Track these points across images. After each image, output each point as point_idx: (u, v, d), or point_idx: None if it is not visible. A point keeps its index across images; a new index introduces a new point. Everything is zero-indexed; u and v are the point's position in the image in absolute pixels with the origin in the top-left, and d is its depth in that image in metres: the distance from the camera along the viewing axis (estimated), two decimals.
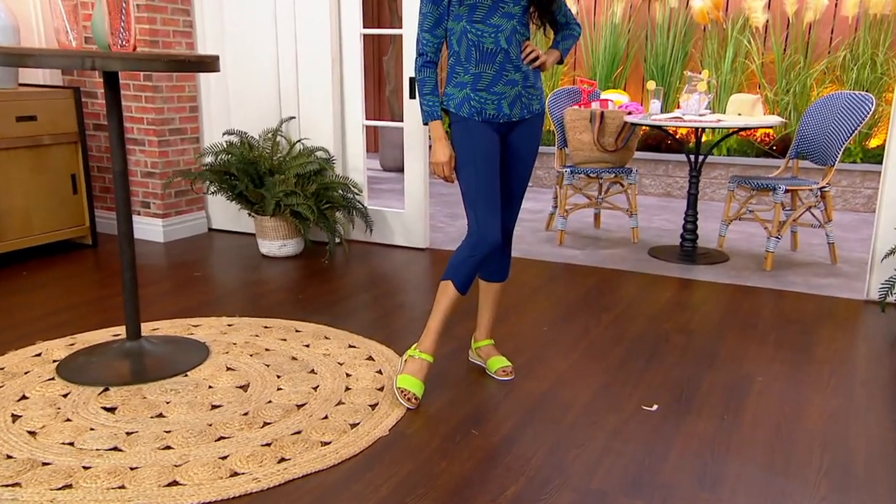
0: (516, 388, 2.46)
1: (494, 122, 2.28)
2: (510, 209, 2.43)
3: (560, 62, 2.43)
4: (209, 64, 2.37)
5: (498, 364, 2.56)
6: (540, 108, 2.34)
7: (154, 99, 4.29)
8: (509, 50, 2.22)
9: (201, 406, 2.28)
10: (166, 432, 2.11)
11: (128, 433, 2.11)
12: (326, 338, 2.88)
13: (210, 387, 2.43)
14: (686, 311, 3.26)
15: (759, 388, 2.47)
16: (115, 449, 2.02)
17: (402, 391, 2.31)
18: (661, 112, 4.32)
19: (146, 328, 2.97)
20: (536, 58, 2.27)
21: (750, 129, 4.26)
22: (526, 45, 2.26)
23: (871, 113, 3.99)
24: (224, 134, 4.34)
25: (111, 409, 2.26)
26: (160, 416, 2.22)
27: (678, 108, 4.85)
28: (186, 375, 2.52)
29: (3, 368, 2.55)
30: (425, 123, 2.29)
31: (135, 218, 4.54)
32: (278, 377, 2.51)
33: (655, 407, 2.33)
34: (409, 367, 2.37)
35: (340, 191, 4.14)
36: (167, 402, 2.31)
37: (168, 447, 2.03)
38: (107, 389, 2.40)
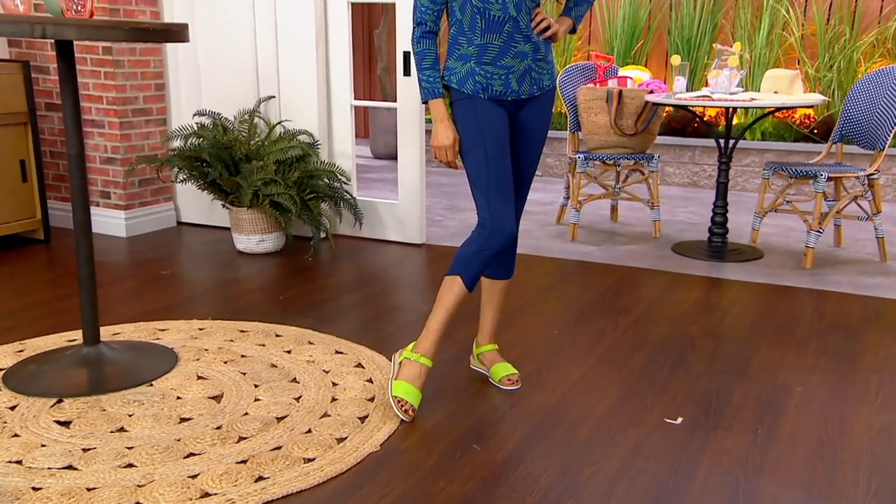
0: (523, 399, 2.45)
1: (502, 99, 2.27)
2: (517, 198, 2.43)
3: (572, 31, 2.43)
4: (177, 33, 2.36)
5: (502, 372, 2.55)
6: (551, 83, 2.34)
7: (114, 75, 4.28)
8: (518, 18, 2.21)
9: (168, 419, 2.28)
10: (128, 448, 2.10)
11: (84, 450, 2.10)
12: (310, 343, 2.87)
13: (178, 398, 2.42)
14: (715, 314, 3.26)
15: (797, 401, 2.47)
16: (70, 468, 2.01)
17: (397, 401, 2.29)
18: (687, 90, 4.31)
19: (106, 333, 2.97)
20: (548, 27, 2.27)
21: (788, 109, 4.25)
22: (536, 12, 2.25)
23: None
24: (194, 115, 4.33)
25: (65, 423, 2.25)
26: (121, 430, 2.21)
27: (706, 86, 4.84)
28: (151, 385, 2.51)
29: None
30: (424, 102, 2.29)
31: (93, 209, 4.54)
32: (256, 387, 2.50)
33: (680, 420, 2.32)
34: (404, 371, 2.34)
35: (326, 179, 4.13)
36: (129, 415, 2.30)
37: (130, 465, 2.02)
38: (60, 401, 2.39)
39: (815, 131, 6.10)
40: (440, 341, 2.41)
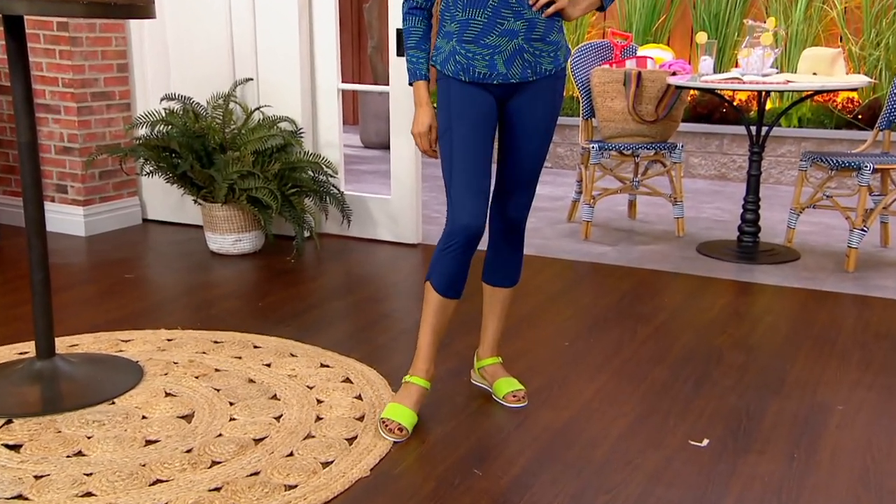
0: (530, 417, 2.45)
1: (486, 83, 2.25)
2: (516, 195, 2.40)
3: (600, 9, 2.34)
4: (142, 8, 2.36)
5: (507, 388, 2.55)
6: (554, 68, 2.28)
7: (72, 54, 4.28)
8: None
9: (132, 441, 2.27)
10: (87, 475, 2.09)
11: (37, 477, 2.09)
12: (292, 355, 2.87)
13: (144, 417, 2.41)
14: (745, 323, 3.26)
15: (839, 420, 2.47)
16: (20, 497, 2.00)
17: (383, 422, 2.32)
18: (715, 72, 4.31)
19: (62, 344, 2.96)
20: (551, 2, 2.21)
21: (828, 92, 4.25)
22: None
23: None
24: (162, 100, 4.33)
25: (15, 447, 2.24)
26: (79, 454, 2.20)
27: (736, 66, 4.83)
28: (113, 403, 2.50)
29: None
30: (410, 84, 2.31)
31: (48, 205, 4.53)
32: (231, 404, 2.50)
33: (706, 442, 2.32)
34: (399, 394, 2.40)
35: (310, 172, 4.13)
36: (88, 437, 2.29)
37: (89, 494, 2.01)
38: (10, 422, 2.38)
39: (860, 117, 6.11)
40: (433, 358, 2.39)
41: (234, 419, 2.41)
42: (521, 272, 2.54)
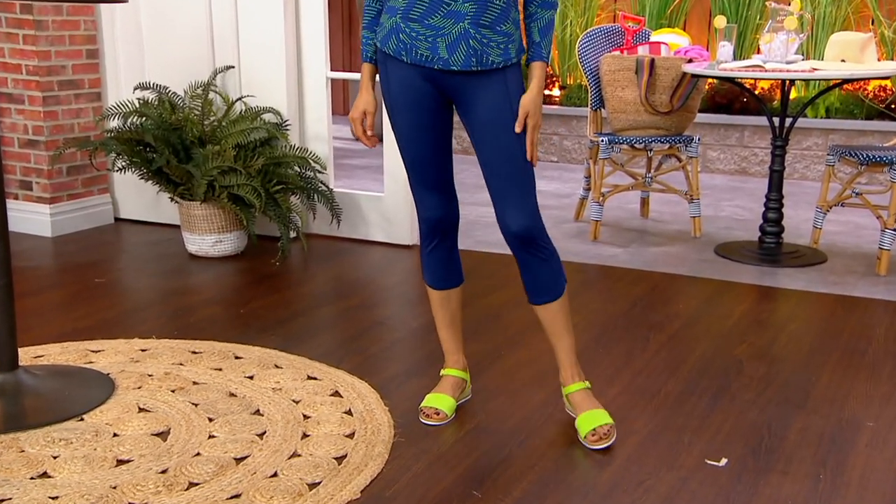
0: (533, 435, 2.45)
1: (428, 66, 2.25)
2: (504, 202, 2.29)
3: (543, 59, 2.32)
4: None
5: (588, 425, 2.38)
6: (504, 61, 2.23)
7: (37, 39, 4.27)
8: None
9: (102, 461, 2.27)
10: (52, 499, 2.09)
11: None
12: (277, 366, 2.87)
13: (115, 435, 2.41)
14: (767, 332, 3.26)
15: (869, 438, 2.47)
16: None
17: (421, 411, 2.53)
18: (734, 59, 4.31)
19: (26, 355, 2.95)
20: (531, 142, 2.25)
21: (858, 80, 4.25)
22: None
23: None
24: (136, 89, 4.32)
25: None
26: (44, 476, 2.20)
27: (758, 53, 4.83)
28: (82, 420, 2.50)
29: None
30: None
31: (10, 203, 4.53)
32: (210, 421, 2.49)
33: (725, 461, 2.32)
34: (435, 388, 2.61)
35: (297, 167, 4.13)
36: (54, 457, 2.29)
37: None
38: None
39: (893, 107, 6.11)
40: (459, 349, 2.61)
41: (213, 437, 2.40)
42: (560, 281, 2.39)
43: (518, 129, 2.24)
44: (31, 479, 2.18)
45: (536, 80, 2.26)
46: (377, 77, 2.39)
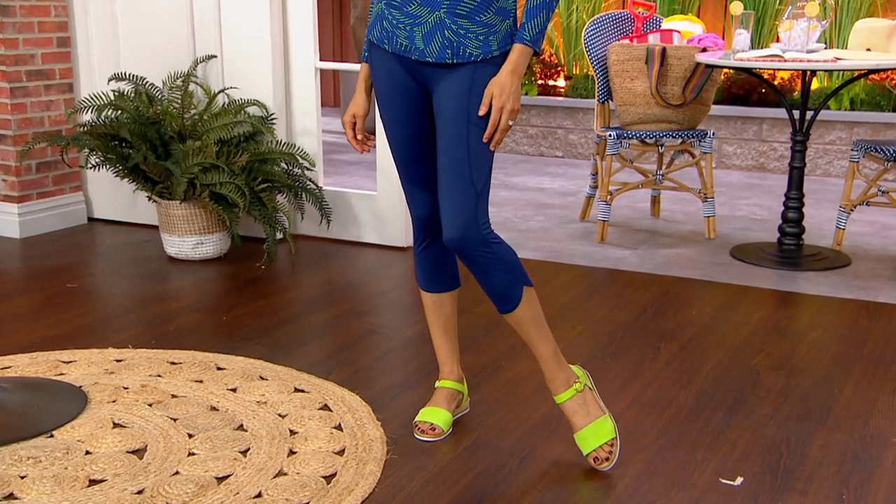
0: (536, 451, 2.45)
1: (406, 56, 2.26)
2: (443, 205, 2.26)
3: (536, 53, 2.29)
4: None
5: (593, 442, 2.34)
6: (482, 54, 2.20)
7: (3, 26, 4.27)
8: None
9: (73, 481, 2.26)
10: None
11: None
12: (262, 378, 2.87)
13: (88, 452, 2.41)
14: (786, 340, 3.26)
15: (895, 456, 2.46)
16: None
17: (415, 426, 2.53)
18: (751, 48, 4.31)
19: None
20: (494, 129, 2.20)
21: (884, 70, 4.26)
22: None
23: None
24: (111, 80, 4.32)
25: None
26: (10, 497, 2.19)
27: (776, 41, 4.83)
28: (52, 436, 2.49)
29: None
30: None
31: None
32: (190, 437, 2.49)
33: (740, 480, 2.32)
34: (430, 401, 2.60)
35: (283, 164, 4.12)
36: (21, 477, 2.28)
37: None
38: None
39: None
40: (453, 358, 2.60)
41: (193, 454, 2.40)
42: (514, 289, 2.34)
43: (482, 112, 2.18)
44: None
45: (510, 62, 2.20)
46: None
